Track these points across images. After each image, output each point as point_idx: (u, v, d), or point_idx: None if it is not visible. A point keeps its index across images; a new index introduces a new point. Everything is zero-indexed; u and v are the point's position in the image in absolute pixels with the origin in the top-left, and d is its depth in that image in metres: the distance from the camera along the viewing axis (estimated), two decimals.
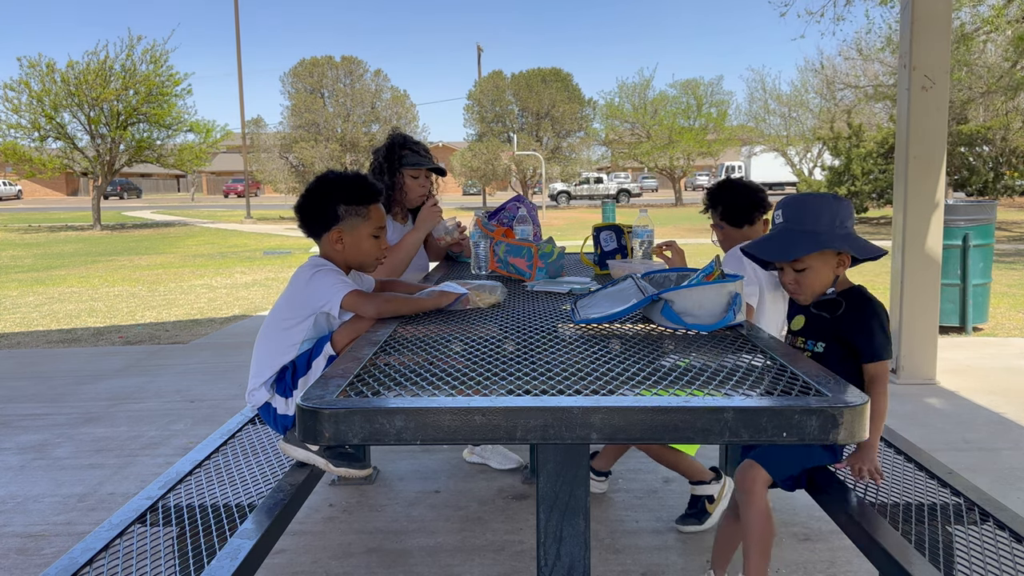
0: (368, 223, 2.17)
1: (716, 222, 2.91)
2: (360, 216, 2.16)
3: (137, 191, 56.58)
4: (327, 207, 2.15)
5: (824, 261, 1.96)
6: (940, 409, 4.28)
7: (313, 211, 2.17)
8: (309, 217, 2.18)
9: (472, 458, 3.54)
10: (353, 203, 2.15)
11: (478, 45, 42.18)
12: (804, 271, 1.96)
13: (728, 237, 2.86)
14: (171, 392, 4.87)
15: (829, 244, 1.92)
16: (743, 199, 2.83)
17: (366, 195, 2.17)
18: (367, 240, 2.18)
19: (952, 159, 20.59)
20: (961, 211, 6.10)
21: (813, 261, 1.95)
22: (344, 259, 2.19)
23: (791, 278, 1.99)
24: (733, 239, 2.83)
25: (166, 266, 13.15)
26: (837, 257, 1.97)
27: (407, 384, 1.38)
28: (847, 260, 1.98)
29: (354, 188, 2.17)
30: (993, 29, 14.41)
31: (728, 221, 2.84)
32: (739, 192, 2.86)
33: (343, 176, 2.19)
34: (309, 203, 2.18)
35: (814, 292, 1.99)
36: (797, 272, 1.97)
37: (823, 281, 1.98)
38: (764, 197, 2.89)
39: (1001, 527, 1.77)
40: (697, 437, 1.21)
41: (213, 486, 2.09)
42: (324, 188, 2.17)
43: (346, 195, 2.15)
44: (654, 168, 37.30)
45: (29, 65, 23.25)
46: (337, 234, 2.15)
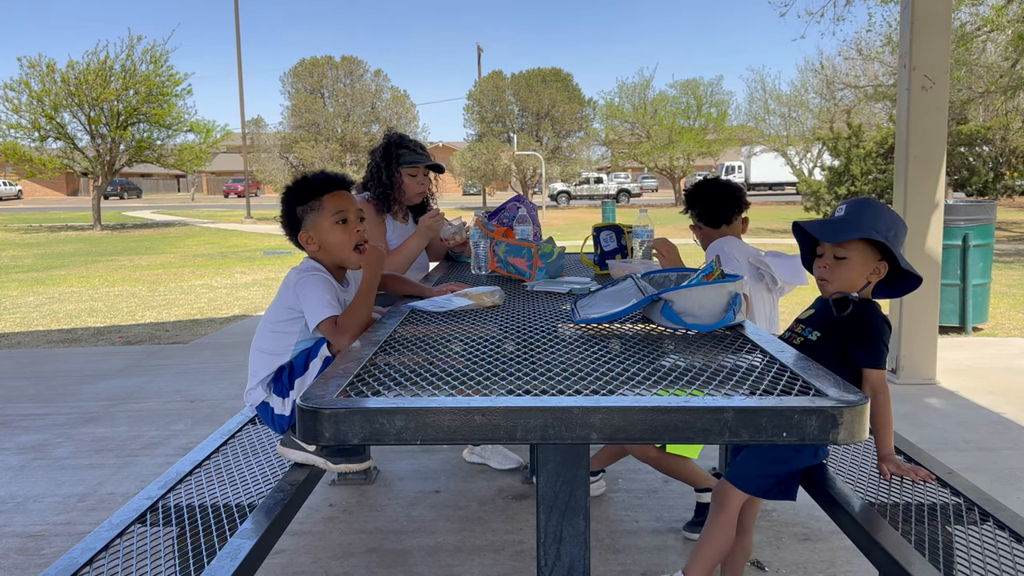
0: (323, 213, 2.13)
1: (694, 223, 2.93)
2: (315, 210, 2.14)
3: (137, 191, 56.58)
4: (288, 215, 2.18)
5: (864, 259, 1.97)
6: (940, 409, 4.28)
7: (285, 225, 2.21)
8: (287, 232, 2.22)
9: (472, 458, 3.54)
10: (304, 201, 2.15)
11: (478, 45, 42.22)
12: (843, 260, 1.98)
13: (707, 237, 2.89)
14: (171, 392, 4.87)
15: (875, 235, 1.93)
16: (719, 199, 2.87)
17: (313, 188, 2.16)
18: (332, 230, 2.13)
19: (952, 159, 20.59)
20: (961, 211, 6.11)
21: (854, 253, 1.97)
22: (325, 259, 2.18)
23: (827, 263, 2.01)
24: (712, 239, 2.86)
25: (166, 266, 13.16)
26: (876, 263, 1.98)
27: (407, 384, 1.38)
28: (883, 269, 1.99)
29: (301, 186, 2.17)
30: (994, 28, 14.41)
31: (706, 222, 2.88)
32: (715, 192, 2.89)
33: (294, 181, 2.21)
34: (282, 218, 2.22)
35: (842, 285, 2.00)
36: (836, 259, 1.98)
37: (855, 277, 1.98)
38: (741, 195, 2.92)
39: (1001, 527, 1.77)
40: (697, 437, 1.21)
41: (213, 486, 2.09)
42: (283, 199, 2.20)
43: (296, 195, 2.16)
44: (654, 168, 37.31)
45: (29, 65, 23.26)
46: (306, 236, 2.15)
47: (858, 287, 1.99)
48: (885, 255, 1.99)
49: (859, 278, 1.99)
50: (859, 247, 1.96)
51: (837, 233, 1.97)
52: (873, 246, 1.97)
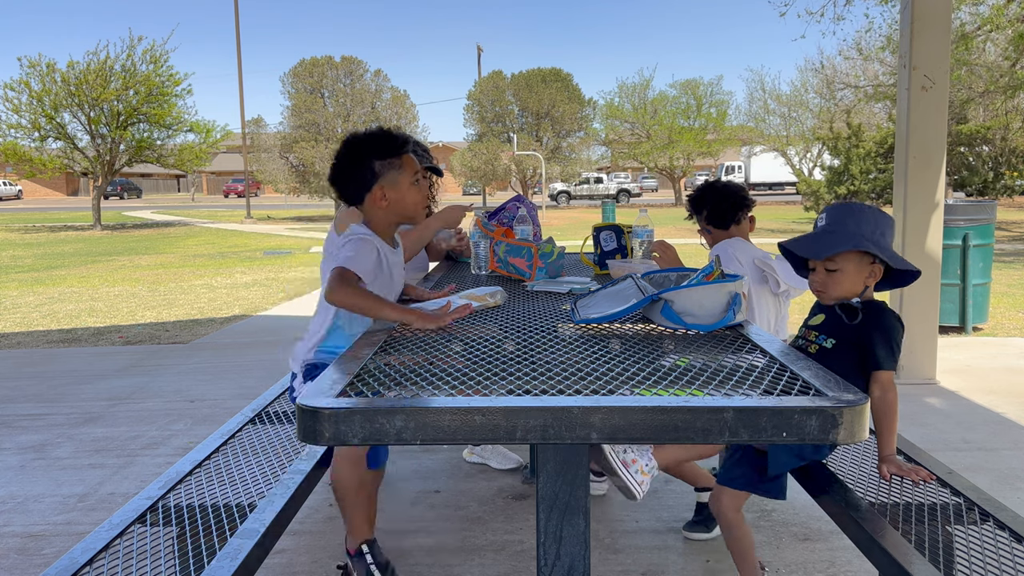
0: (405, 172, 2.13)
1: (703, 227, 2.93)
2: (396, 168, 2.12)
3: (137, 191, 56.58)
4: (362, 167, 2.11)
5: (857, 267, 1.94)
6: (940, 409, 4.28)
7: (349, 175, 2.13)
8: (347, 183, 2.14)
9: (472, 458, 3.54)
10: (387, 156, 2.11)
11: (478, 45, 42.21)
12: (835, 272, 1.95)
13: (717, 239, 2.89)
14: (171, 392, 4.87)
15: (862, 245, 1.90)
16: (726, 201, 2.87)
17: (396, 145, 2.13)
18: (410, 189, 2.14)
19: (952, 159, 20.59)
20: (961, 211, 6.11)
21: (846, 264, 1.93)
22: (391, 216, 2.16)
23: (819, 278, 1.98)
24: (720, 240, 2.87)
25: (166, 266, 13.16)
26: (870, 267, 1.95)
27: (407, 384, 1.38)
28: (879, 272, 1.96)
29: (383, 141, 2.12)
30: (994, 28, 14.40)
31: (714, 224, 2.88)
32: (721, 194, 2.89)
33: (369, 134, 2.15)
34: (343, 169, 2.13)
35: (840, 295, 1.97)
36: (828, 272, 1.96)
37: (851, 286, 1.96)
38: (746, 195, 2.91)
39: (1001, 527, 1.77)
40: (697, 437, 1.21)
41: (213, 486, 2.09)
42: (354, 149, 2.12)
43: (377, 150, 2.11)
44: (654, 168, 37.31)
45: (29, 65, 23.27)
46: (380, 191, 2.11)
47: (857, 293, 1.97)
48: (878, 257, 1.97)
49: (856, 285, 1.96)
50: (850, 257, 1.93)
51: (823, 249, 1.94)
52: (864, 252, 1.94)
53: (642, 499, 1.89)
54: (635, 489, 1.86)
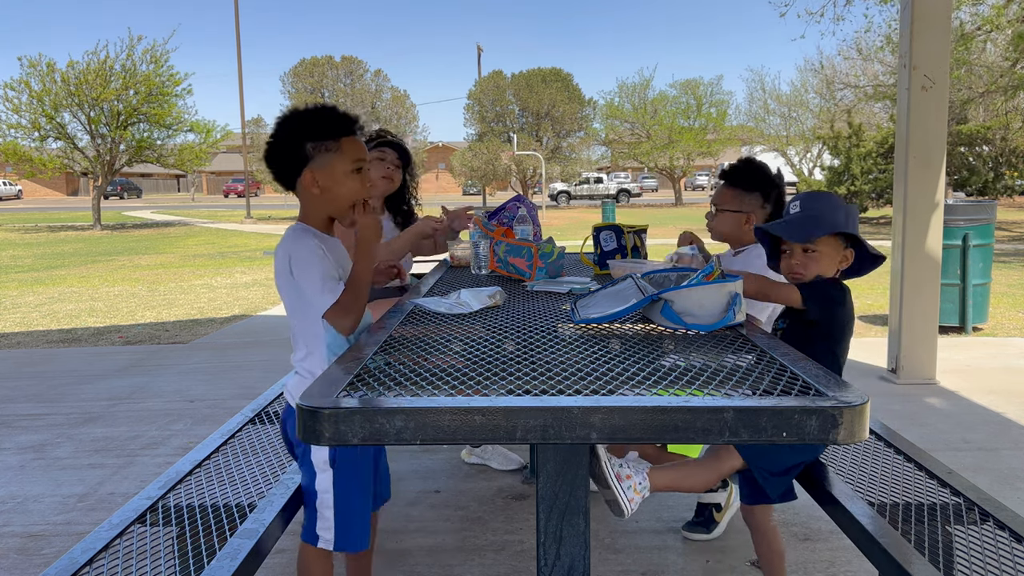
0: (342, 157, 1.86)
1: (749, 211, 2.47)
2: (331, 151, 1.85)
3: (137, 191, 56.59)
4: (293, 148, 1.86)
5: (833, 250, 2.05)
6: (940, 409, 4.28)
7: (280, 156, 1.89)
8: (278, 164, 1.90)
9: (471, 459, 3.54)
10: (321, 138, 1.85)
11: (478, 45, 42.21)
12: (813, 253, 2.04)
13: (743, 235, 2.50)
14: (171, 392, 4.87)
15: (845, 228, 2.02)
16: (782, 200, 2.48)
17: (335, 126, 1.87)
18: (345, 179, 1.87)
19: (952, 159, 20.59)
20: (961, 211, 6.11)
21: (824, 247, 2.04)
22: (325, 206, 1.90)
23: (798, 260, 2.06)
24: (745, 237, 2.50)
25: (166, 266, 13.16)
26: (843, 252, 2.06)
27: (407, 384, 1.38)
28: (850, 257, 2.08)
29: (319, 121, 1.87)
30: (994, 28, 14.41)
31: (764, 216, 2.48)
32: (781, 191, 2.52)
33: (306, 110, 1.89)
34: (275, 148, 1.90)
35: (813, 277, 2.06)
36: (806, 253, 2.05)
37: (825, 268, 2.06)
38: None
39: (1001, 527, 1.77)
40: (697, 437, 1.21)
41: (213, 486, 2.09)
42: (287, 128, 1.88)
43: (311, 129, 1.86)
44: (654, 168, 37.33)
45: (29, 65, 23.28)
46: (310, 176, 1.85)
47: (828, 275, 2.08)
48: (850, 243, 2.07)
49: (829, 269, 2.07)
50: (828, 239, 2.04)
51: (807, 232, 2.03)
52: (839, 235, 2.05)
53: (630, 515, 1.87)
54: (625, 506, 1.83)
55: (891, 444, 2.34)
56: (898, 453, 2.28)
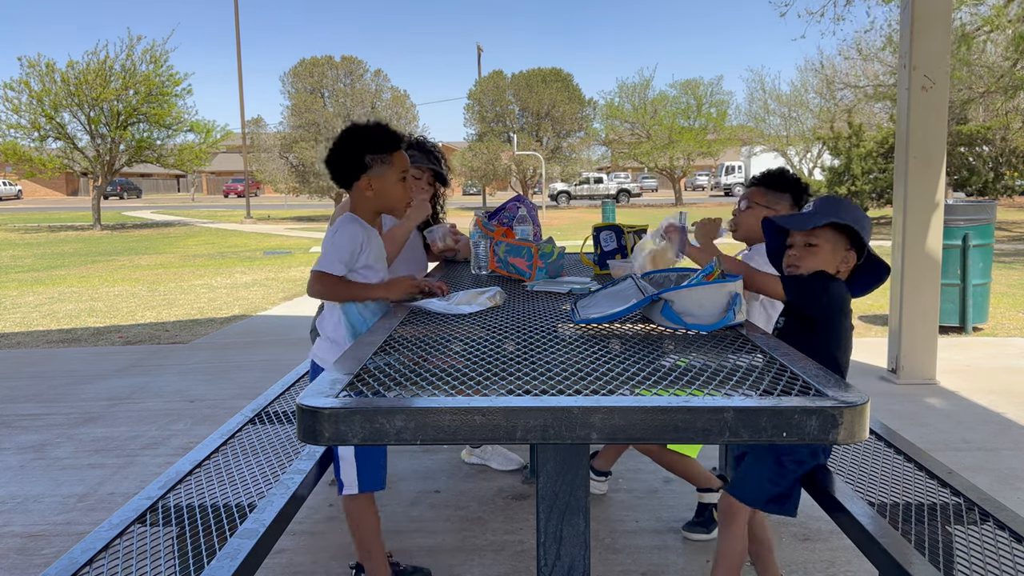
0: (393, 169, 2.29)
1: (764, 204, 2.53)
2: (385, 163, 2.27)
3: (137, 191, 56.57)
4: (354, 158, 2.27)
5: (834, 247, 2.02)
6: (940, 409, 4.28)
7: (341, 163, 2.30)
8: (339, 169, 2.31)
9: (471, 459, 3.54)
10: (377, 151, 2.26)
11: (478, 45, 42.20)
12: (813, 246, 2.02)
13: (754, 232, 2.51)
14: (171, 392, 4.87)
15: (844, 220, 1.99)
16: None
17: (388, 143, 2.29)
18: (394, 185, 2.30)
19: (952, 159, 20.58)
20: (961, 211, 6.11)
21: (825, 242, 2.02)
22: (375, 205, 2.33)
23: (797, 252, 2.04)
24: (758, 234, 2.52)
25: (166, 266, 13.16)
26: (845, 252, 2.03)
27: (407, 384, 1.38)
28: (851, 260, 2.04)
29: (377, 137, 2.29)
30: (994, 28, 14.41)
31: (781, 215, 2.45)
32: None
33: (366, 127, 2.31)
34: (337, 156, 2.31)
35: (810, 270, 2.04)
36: (806, 247, 2.02)
37: (822, 263, 2.03)
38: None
39: (1001, 527, 1.77)
40: (697, 437, 1.21)
41: (213, 486, 2.10)
42: (349, 140, 2.29)
43: (370, 144, 2.27)
44: (654, 168, 37.31)
45: (29, 65, 23.27)
46: (367, 181, 2.27)
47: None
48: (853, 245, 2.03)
49: (829, 266, 2.03)
50: (828, 234, 2.02)
51: (806, 221, 2.03)
52: (841, 235, 2.02)
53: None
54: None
55: (891, 444, 2.35)
56: (898, 453, 2.28)
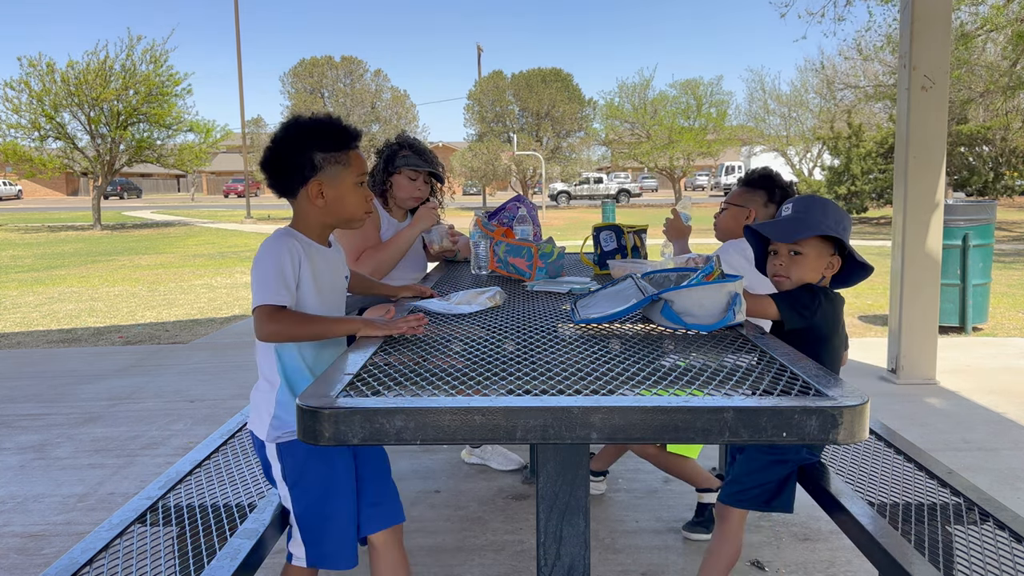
0: (350, 170, 1.85)
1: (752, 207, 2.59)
2: (341, 164, 1.83)
3: (137, 191, 56.57)
4: (301, 157, 1.81)
5: (819, 254, 2.01)
6: (940, 409, 4.28)
7: (284, 164, 1.84)
8: (280, 172, 1.85)
9: (471, 459, 3.54)
10: (331, 149, 1.82)
11: (478, 45, 42.21)
12: (799, 256, 2.00)
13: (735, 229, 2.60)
14: (171, 392, 4.87)
15: (830, 231, 1.98)
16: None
17: (344, 138, 1.85)
18: (351, 191, 1.85)
19: (952, 159, 20.59)
20: (961, 211, 6.11)
21: (810, 250, 2.00)
22: (327, 216, 1.87)
23: (783, 261, 2.03)
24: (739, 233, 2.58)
25: (166, 266, 13.16)
26: (830, 258, 2.02)
27: (407, 384, 1.38)
28: (837, 264, 2.03)
29: (330, 132, 1.84)
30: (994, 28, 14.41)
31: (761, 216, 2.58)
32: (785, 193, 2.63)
33: (316, 120, 1.85)
34: (279, 155, 1.84)
35: (798, 280, 2.03)
36: (792, 256, 2.01)
37: (812, 272, 2.02)
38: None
39: (1001, 527, 1.77)
40: (697, 437, 1.21)
41: (213, 486, 2.10)
42: (295, 136, 1.83)
43: (322, 141, 1.82)
44: (654, 168, 37.31)
45: (29, 65, 23.27)
46: (317, 187, 1.82)
47: (812, 280, 2.03)
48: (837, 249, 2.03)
49: (815, 273, 2.02)
50: (814, 243, 2.00)
51: (792, 232, 2.00)
52: (827, 241, 2.01)
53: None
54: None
55: (891, 444, 2.34)
56: (898, 453, 2.28)
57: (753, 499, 2.07)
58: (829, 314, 2.02)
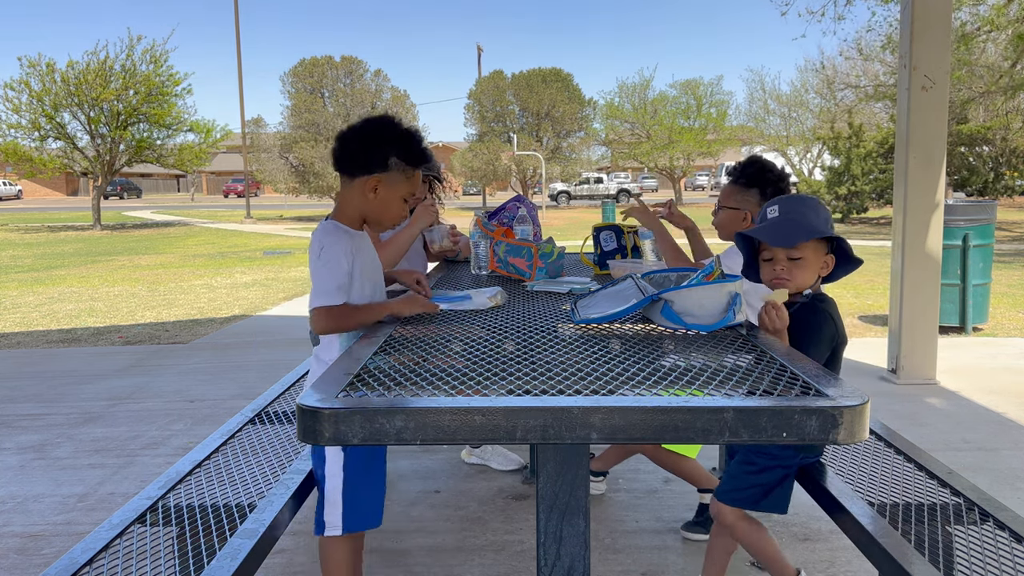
0: (407, 185, 2.02)
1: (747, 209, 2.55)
2: (404, 175, 2.00)
3: (137, 191, 56.56)
4: (380, 151, 1.97)
5: (816, 256, 1.99)
6: (940, 409, 4.28)
7: (363, 149, 1.98)
8: (355, 154, 1.99)
9: (471, 459, 3.54)
10: (405, 159, 1.98)
11: (478, 45, 42.17)
12: (799, 260, 1.98)
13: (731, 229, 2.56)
14: (171, 392, 4.87)
15: (829, 232, 1.97)
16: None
17: (419, 157, 2.03)
18: (397, 202, 2.02)
19: (952, 159, 20.59)
20: (961, 211, 6.11)
21: (809, 253, 1.98)
22: (368, 210, 2.03)
23: (783, 266, 1.99)
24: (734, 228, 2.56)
25: (166, 266, 13.15)
26: (824, 257, 2.01)
27: (407, 384, 1.38)
28: (831, 263, 2.02)
29: (411, 144, 2.00)
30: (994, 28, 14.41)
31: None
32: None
33: (405, 128, 2.02)
34: (362, 141, 1.99)
35: (802, 283, 2.00)
36: (791, 260, 1.98)
37: (810, 275, 2.00)
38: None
39: (1001, 527, 1.77)
40: (697, 437, 1.21)
41: (213, 486, 2.09)
42: (381, 131, 1.99)
43: (402, 148, 1.98)
44: (654, 168, 37.30)
45: (29, 65, 23.26)
46: (376, 182, 1.97)
47: (811, 283, 2.02)
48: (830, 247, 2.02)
49: (813, 275, 2.01)
50: (812, 245, 1.98)
51: (792, 237, 1.96)
52: (820, 240, 1.99)
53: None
54: None
55: (891, 444, 2.34)
56: (898, 453, 2.28)
57: (745, 498, 2.07)
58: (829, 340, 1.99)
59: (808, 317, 1.97)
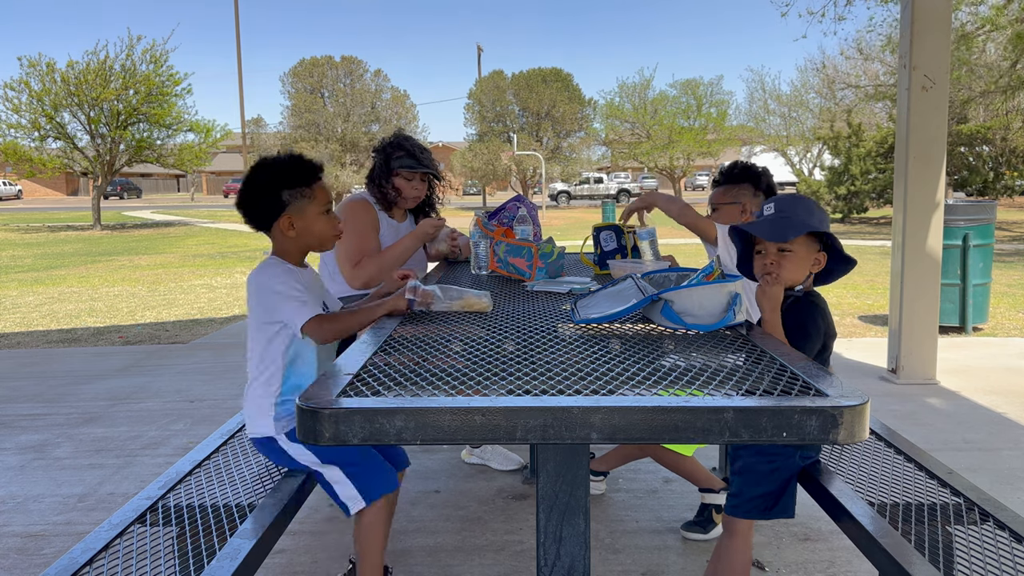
0: (315, 203, 2.11)
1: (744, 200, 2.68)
2: (306, 197, 2.10)
3: (137, 191, 56.55)
4: (270, 196, 2.08)
5: (808, 251, 2.01)
6: (940, 409, 4.28)
7: (256, 204, 2.11)
8: (254, 210, 2.12)
9: (471, 459, 3.54)
10: (296, 186, 2.08)
11: (478, 45, 42.16)
12: (788, 253, 2.00)
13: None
14: (171, 392, 4.87)
15: (820, 228, 1.99)
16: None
17: (306, 175, 2.11)
18: (317, 220, 2.13)
19: (952, 159, 20.58)
20: (961, 211, 6.11)
21: (799, 248, 2.00)
22: (300, 244, 2.15)
23: (772, 259, 2.01)
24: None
25: (166, 266, 13.15)
26: (816, 255, 2.02)
27: (407, 384, 1.38)
28: (823, 261, 2.03)
29: (293, 170, 2.10)
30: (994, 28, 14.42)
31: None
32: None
33: (278, 160, 2.11)
34: (251, 196, 2.11)
35: (789, 277, 2.02)
36: (781, 252, 2.00)
37: (800, 271, 2.02)
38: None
39: (1001, 527, 1.77)
40: (697, 437, 1.21)
41: (213, 486, 2.09)
42: (262, 177, 2.10)
43: (287, 179, 2.08)
44: (654, 168, 37.32)
45: (29, 65, 23.26)
46: (287, 220, 2.10)
47: (802, 279, 2.03)
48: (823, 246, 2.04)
49: (803, 271, 2.02)
50: (802, 240, 2.01)
51: (784, 232, 1.99)
52: (813, 238, 2.02)
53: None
54: None
55: (891, 444, 2.34)
56: (898, 453, 2.28)
57: (755, 509, 2.07)
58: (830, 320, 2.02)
59: (799, 312, 2.00)
